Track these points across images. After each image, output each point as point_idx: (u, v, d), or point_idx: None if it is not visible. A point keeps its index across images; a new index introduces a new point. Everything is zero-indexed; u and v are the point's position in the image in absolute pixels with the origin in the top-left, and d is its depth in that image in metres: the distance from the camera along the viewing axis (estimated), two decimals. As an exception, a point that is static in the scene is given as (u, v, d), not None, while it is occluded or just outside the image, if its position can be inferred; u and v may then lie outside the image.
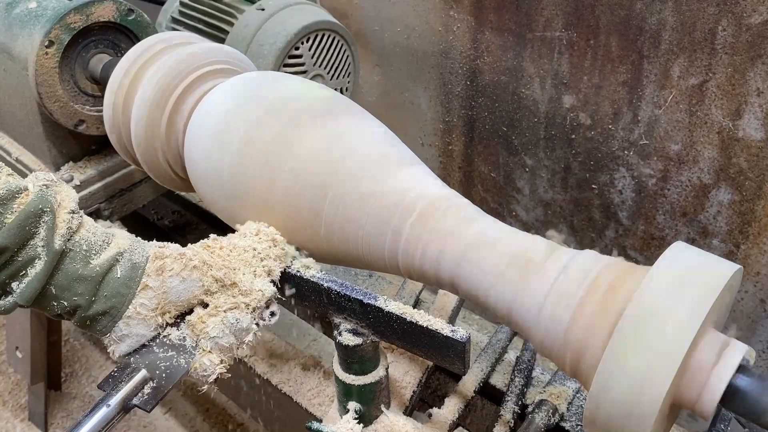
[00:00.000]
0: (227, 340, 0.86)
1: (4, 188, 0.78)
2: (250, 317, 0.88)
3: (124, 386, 0.82)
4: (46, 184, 0.82)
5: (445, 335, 0.85)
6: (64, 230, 0.81)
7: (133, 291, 0.84)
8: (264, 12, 1.49)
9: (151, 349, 0.87)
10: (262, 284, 0.90)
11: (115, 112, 1.16)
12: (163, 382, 0.85)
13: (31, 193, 0.80)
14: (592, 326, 0.73)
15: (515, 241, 0.84)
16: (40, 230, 0.79)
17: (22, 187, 0.80)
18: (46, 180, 0.83)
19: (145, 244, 0.89)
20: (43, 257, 0.79)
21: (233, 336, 0.87)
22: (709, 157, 1.46)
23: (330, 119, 0.97)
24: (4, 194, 0.77)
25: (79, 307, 0.82)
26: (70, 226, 0.82)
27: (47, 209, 0.80)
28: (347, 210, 0.91)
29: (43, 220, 0.79)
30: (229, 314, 0.86)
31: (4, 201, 0.77)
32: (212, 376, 0.86)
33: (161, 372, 0.85)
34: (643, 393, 0.66)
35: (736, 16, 1.30)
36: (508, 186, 1.87)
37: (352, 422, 0.99)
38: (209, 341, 0.86)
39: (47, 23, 1.24)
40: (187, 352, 0.86)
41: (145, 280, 0.84)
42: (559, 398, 1.08)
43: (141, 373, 0.84)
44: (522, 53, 1.65)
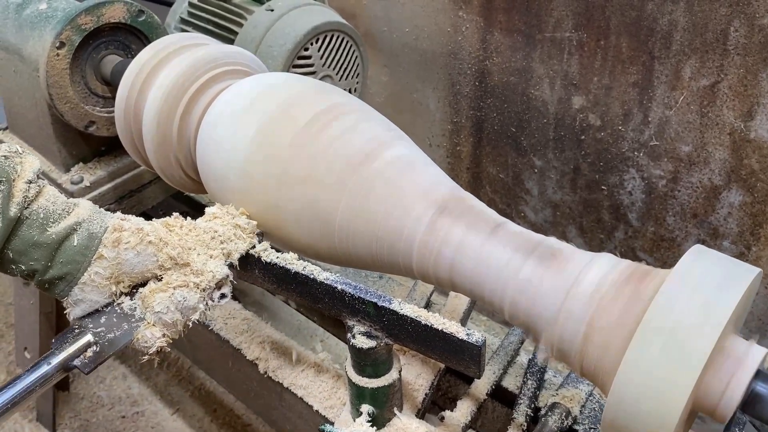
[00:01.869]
0: (171, 316, 0.89)
1: None
2: (198, 296, 0.91)
3: (68, 347, 0.87)
4: (5, 156, 0.85)
5: (461, 338, 0.85)
6: (20, 198, 0.84)
7: (89, 259, 0.87)
8: (273, 13, 1.48)
9: (103, 315, 0.91)
10: (215, 266, 0.93)
11: (127, 113, 1.15)
12: (106, 348, 0.89)
13: None
14: (611, 331, 0.72)
15: (531, 244, 0.83)
16: None
17: None
18: (7, 152, 0.86)
19: (106, 216, 0.92)
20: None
21: (179, 313, 0.90)
22: (720, 159, 1.45)
23: (343, 121, 0.96)
24: None
25: (35, 271, 0.86)
26: (26, 195, 0.85)
27: (2, 179, 0.83)
28: (362, 213, 0.91)
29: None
30: (177, 292, 0.89)
31: None
32: (152, 348, 0.89)
33: (107, 338, 0.89)
34: (664, 399, 0.65)
35: (749, 17, 1.29)
36: (517, 187, 1.87)
37: (365, 425, 0.98)
38: (153, 315, 0.89)
39: (58, 24, 1.24)
40: (134, 322, 0.90)
41: (101, 250, 0.88)
42: (572, 401, 1.07)
43: (86, 337, 0.88)
44: (531, 54, 1.65)
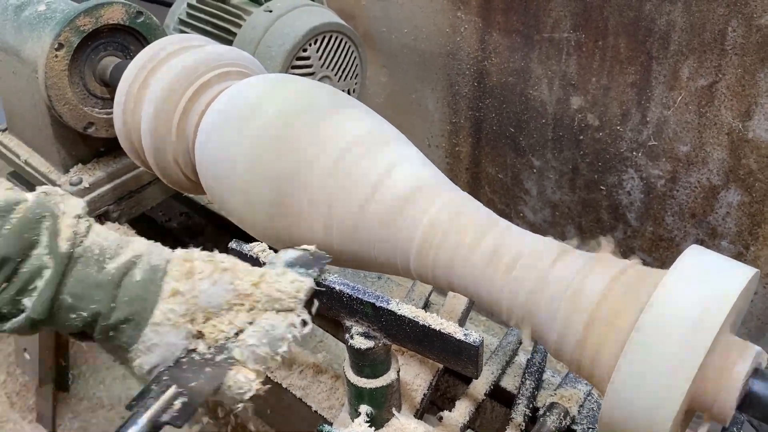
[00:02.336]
0: (263, 349, 0.79)
1: (2, 200, 0.75)
2: (285, 322, 0.81)
3: (152, 402, 0.76)
4: (45, 192, 0.79)
5: (459, 339, 0.85)
6: (69, 234, 0.77)
7: (155, 295, 0.78)
8: (272, 14, 1.49)
9: (178, 361, 0.80)
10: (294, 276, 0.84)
11: (126, 114, 1.16)
12: (195, 397, 0.77)
13: (30, 201, 0.77)
14: (607, 330, 0.72)
15: (528, 244, 0.83)
16: (42, 237, 0.75)
17: (21, 198, 0.77)
18: (48, 190, 0.79)
19: (164, 249, 0.83)
20: (50, 265, 0.74)
21: (268, 345, 0.80)
22: (718, 159, 1.46)
23: (343, 122, 0.97)
24: (3, 206, 0.74)
25: (98, 314, 0.77)
26: (76, 230, 0.78)
27: (46, 214, 0.76)
28: (360, 214, 0.91)
29: (43, 225, 0.75)
30: (263, 320, 0.80)
31: (2, 213, 0.74)
32: (249, 393, 0.79)
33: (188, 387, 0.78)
34: (659, 398, 0.66)
35: (746, 17, 1.29)
36: (516, 187, 1.87)
37: (364, 425, 0.98)
38: (245, 350, 0.79)
39: (57, 26, 1.24)
40: (218, 365, 0.79)
41: (174, 285, 0.79)
42: (570, 401, 1.07)
43: (171, 390, 0.77)
44: (530, 54, 1.65)
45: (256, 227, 1.01)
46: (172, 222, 1.70)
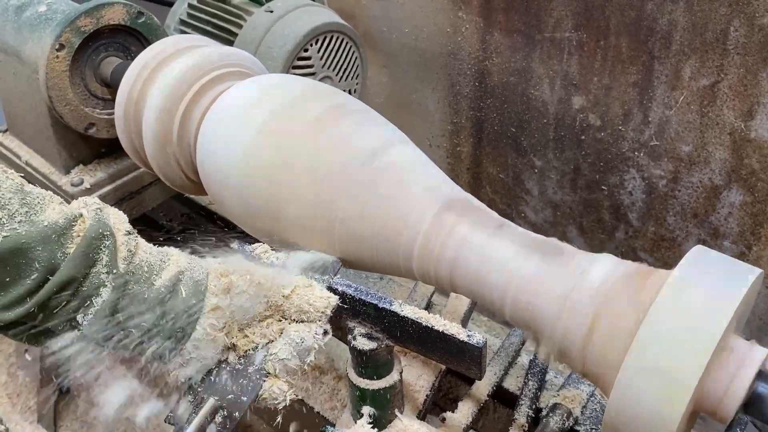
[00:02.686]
0: (294, 362, 0.83)
1: (62, 217, 0.74)
2: (312, 334, 0.84)
3: (193, 417, 0.77)
4: (99, 208, 0.78)
5: (462, 340, 0.85)
6: (125, 253, 0.77)
7: (199, 311, 0.79)
8: (272, 14, 1.48)
9: (210, 372, 0.82)
10: (321, 292, 0.87)
11: (127, 115, 1.15)
12: (234, 409, 0.80)
13: (88, 218, 0.76)
14: (612, 331, 0.72)
15: (532, 245, 0.83)
16: (102, 256, 0.75)
17: (77, 214, 0.76)
18: (97, 204, 0.79)
19: (203, 261, 0.84)
20: (109, 284, 0.74)
21: (298, 357, 0.83)
22: (720, 158, 1.45)
23: (344, 122, 0.96)
24: (63, 224, 0.74)
25: (147, 332, 0.77)
26: (129, 248, 0.78)
27: (107, 233, 0.76)
28: (362, 214, 0.91)
29: (104, 244, 0.75)
30: (294, 333, 0.83)
31: (64, 230, 0.74)
32: (283, 403, 0.83)
33: (228, 399, 0.80)
34: (665, 400, 0.65)
35: (749, 17, 1.29)
36: (517, 187, 1.86)
37: (366, 427, 0.98)
38: (277, 363, 0.82)
39: (57, 27, 1.24)
40: (251, 376, 0.82)
41: (215, 301, 0.80)
42: (573, 402, 1.07)
43: (210, 402, 0.78)
44: (531, 54, 1.65)
45: (255, 227, 1.01)
46: (173, 222, 1.69)
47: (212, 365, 0.83)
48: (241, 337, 0.83)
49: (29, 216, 0.72)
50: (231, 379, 0.81)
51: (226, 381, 0.81)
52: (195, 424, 0.76)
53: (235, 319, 0.82)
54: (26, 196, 0.73)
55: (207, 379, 0.82)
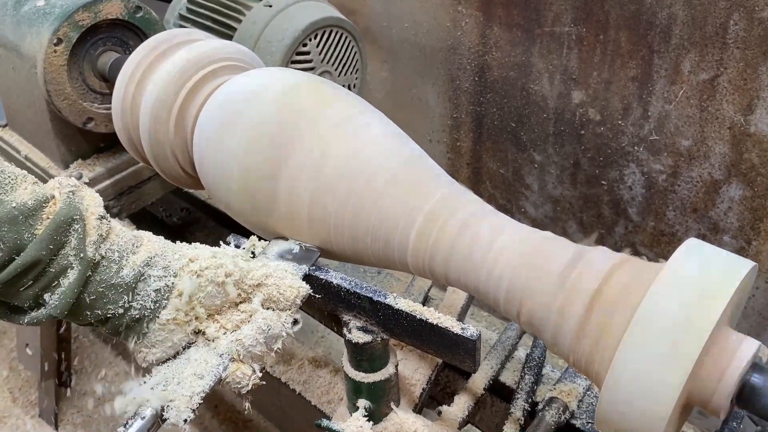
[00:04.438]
0: (260, 348, 0.84)
1: (31, 198, 0.75)
2: (280, 322, 0.85)
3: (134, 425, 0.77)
4: (72, 191, 0.79)
5: (456, 333, 0.85)
6: (95, 237, 0.78)
7: (166, 296, 0.81)
8: (272, 8, 1.48)
9: (177, 355, 0.84)
10: (294, 281, 0.88)
11: (124, 109, 1.16)
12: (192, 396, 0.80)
13: (59, 201, 0.77)
14: (604, 324, 0.72)
15: (524, 238, 0.83)
16: (71, 239, 0.76)
17: (49, 195, 0.77)
18: (71, 186, 0.80)
19: (176, 247, 0.86)
20: (76, 266, 0.76)
21: (265, 344, 0.84)
22: (720, 153, 1.45)
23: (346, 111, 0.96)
24: (33, 205, 0.75)
25: (113, 315, 0.80)
26: (100, 233, 0.79)
27: (77, 217, 0.77)
28: (356, 209, 0.91)
29: (73, 228, 0.76)
30: (261, 320, 0.84)
31: (33, 212, 0.75)
32: (246, 387, 0.84)
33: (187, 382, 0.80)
34: (656, 392, 0.65)
35: (748, 10, 1.29)
36: (517, 182, 1.86)
37: (362, 420, 0.98)
38: (243, 350, 0.83)
39: (55, 21, 1.24)
40: (215, 360, 0.82)
41: (182, 286, 0.82)
42: (569, 395, 1.07)
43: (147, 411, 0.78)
44: (531, 49, 1.65)
45: (252, 221, 1.01)
46: (172, 217, 1.70)
47: (179, 348, 0.84)
48: (210, 322, 0.85)
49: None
50: (197, 363, 0.82)
51: (192, 364, 0.82)
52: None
53: (204, 304, 0.83)
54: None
55: (174, 361, 0.83)
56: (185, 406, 0.78)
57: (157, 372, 0.82)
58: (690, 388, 0.67)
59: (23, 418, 1.92)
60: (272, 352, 0.85)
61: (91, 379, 2.02)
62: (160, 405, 0.78)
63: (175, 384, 0.80)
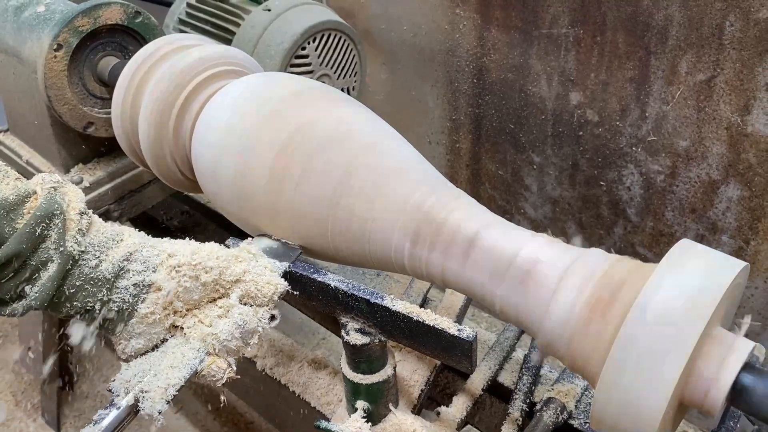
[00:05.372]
0: (235, 343, 0.86)
1: (13, 193, 0.77)
2: (256, 318, 0.88)
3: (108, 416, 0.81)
4: (54, 186, 0.81)
5: (452, 334, 0.85)
6: (74, 232, 0.80)
7: (145, 291, 0.83)
8: (270, 12, 1.49)
9: (156, 347, 0.86)
10: (272, 278, 0.90)
11: (124, 114, 1.16)
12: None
13: (40, 196, 0.80)
14: (598, 325, 0.73)
15: (520, 240, 0.84)
16: (51, 233, 0.78)
17: (31, 191, 0.80)
18: (53, 182, 0.82)
19: (156, 242, 0.88)
20: (56, 260, 0.78)
21: (240, 339, 0.87)
22: (717, 153, 1.45)
23: (338, 121, 0.97)
24: (14, 200, 0.77)
25: (92, 308, 0.82)
26: (80, 227, 0.81)
27: (57, 212, 0.79)
28: (353, 214, 0.92)
29: (53, 222, 0.79)
30: (237, 315, 0.86)
31: (14, 206, 0.77)
32: (221, 381, 0.86)
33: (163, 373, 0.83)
34: (649, 392, 0.66)
35: (744, 11, 1.29)
36: (516, 183, 1.87)
37: (361, 421, 0.99)
38: (218, 344, 0.85)
39: (56, 27, 1.25)
40: (190, 353, 0.85)
41: (161, 281, 0.84)
42: (567, 396, 1.07)
43: (125, 402, 0.81)
44: (528, 50, 1.65)
45: (250, 224, 1.02)
46: (173, 221, 1.70)
47: (158, 341, 0.86)
48: (189, 317, 0.86)
49: None
50: (174, 355, 0.84)
51: (169, 357, 0.84)
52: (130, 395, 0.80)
53: (182, 299, 0.85)
54: None
55: (151, 353, 0.86)
56: (160, 397, 0.80)
57: (135, 363, 0.85)
58: (683, 389, 0.68)
59: (26, 421, 1.93)
60: (248, 346, 0.88)
61: (94, 382, 2.03)
62: (134, 396, 0.80)
63: (151, 375, 0.82)
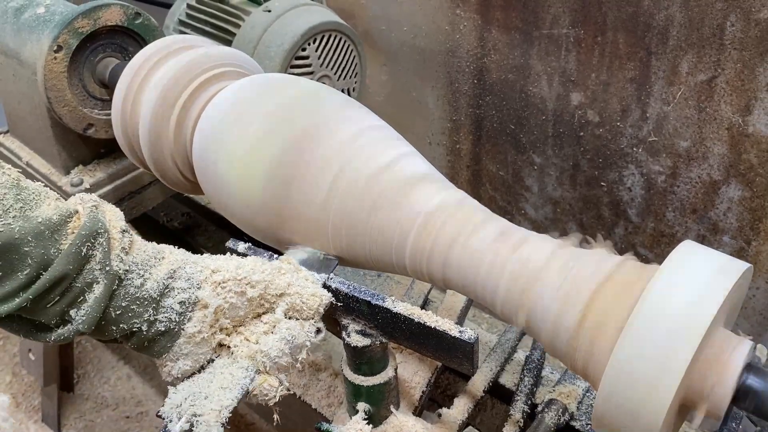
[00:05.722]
0: (286, 359, 0.83)
1: (56, 213, 0.74)
2: (304, 331, 0.85)
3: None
4: (95, 205, 0.78)
5: (453, 336, 0.85)
6: (118, 251, 0.77)
7: (191, 309, 0.81)
8: (270, 13, 1.49)
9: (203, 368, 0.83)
10: (316, 289, 0.88)
11: (124, 115, 1.16)
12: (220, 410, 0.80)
13: (83, 215, 0.77)
14: (600, 326, 0.72)
15: (522, 241, 0.83)
16: (96, 253, 0.75)
17: (72, 210, 0.76)
18: (93, 201, 0.79)
19: (197, 258, 0.85)
20: (102, 280, 0.75)
21: (290, 355, 0.84)
22: (718, 154, 1.45)
23: (338, 123, 0.97)
24: (57, 220, 0.74)
25: (138, 330, 0.79)
26: (123, 246, 0.78)
27: (101, 230, 0.76)
28: (354, 214, 0.91)
29: (98, 242, 0.76)
30: (285, 330, 0.83)
31: (58, 226, 0.74)
32: (274, 399, 0.83)
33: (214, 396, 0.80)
34: (652, 393, 0.66)
35: (745, 12, 1.29)
36: (517, 184, 1.87)
37: (362, 423, 0.98)
38: (269, 361, 0.82)
39: (55, 28, 1.25)
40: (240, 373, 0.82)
41: (206, 299, 0.81)
42: (568, 397, 1.07)
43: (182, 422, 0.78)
44: (529, 51, 1.65)
45: (251, 225, 1.02)
46: (173, 222, 1.70)
47: (204, 361, 0.84)
48: (234, 334, 0.84)
49: (24, 212, 0.72)
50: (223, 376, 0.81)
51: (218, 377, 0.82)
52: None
53: (228, 316, 0.83)
54: (22, 191, 0.73)
55: (199, 375, 0.83)
56: (215, 420, 0.78)
57: (183, 386, 0.82)
58: (685, 390, 0.68)
59: (26, 423, 1.93)
60: (297, 362, 0.85)
61: (94, 383, 2.03)
62: (187, 420, 0.78)
63: (202, 398, 0.80)
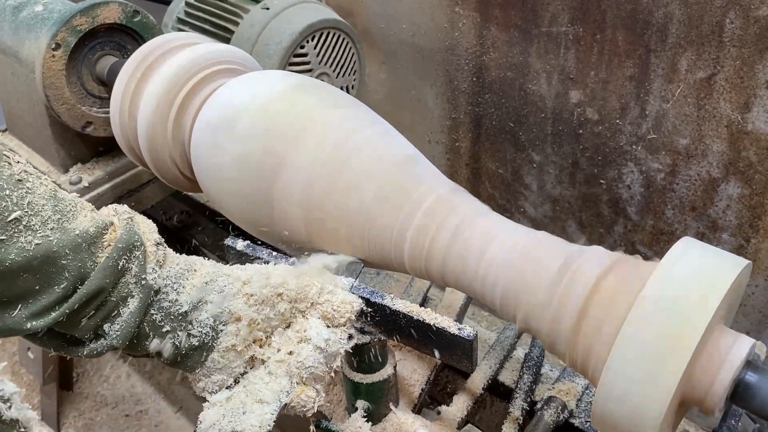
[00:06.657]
0: (322, 368, 0.82)
1: (92, 225, 0.72)
2: (338, 340, 0.84)
3: None
4: (130, 217, 0.77)
5: (452, 333, 0.85)
6: (153, 264, 0.76)
7: (224, 323, 0.80)
8: (269, 11, 1.49)
9: (237, 381, 0.82)
10: (345, 296, 0.86)
11: (122, 113, 1.16)
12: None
13: (119, 227, 0.75)
14: (599, 323, 0.72)
15: (520, 238, 0.83)
16: (132, 266, 0.74)
17: (108, 222, 0.75)
18: (128, 212, 0.78)
19: (228, 269, 0.84)
20: (137, 294, 0.74)
21: (325, 364, 0.83)
22: (717, 151, 1.45)
23: (336, 117, 0.97)
24: (94, 232, 0.72)
25: (172, 344, 0.78)
26: (158, 259, 0.77)
27: (138, 243, 0.75)
28: (351, 210, 0.91)
29: (134, 255, 0.74)
30: (318, 339, 0.81)
31: (95, 239, 0.72)
32: (312, 410, 0.82)
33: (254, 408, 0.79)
34: (651, 390, 0.66)
35: (744, 9, 1.29)
36: (516, 182, 1.87)
37: (361, 420, 0.99)
38: (304, 371, 0.81)
39: (54, 26, 1.25)
40: (277, 385, 0.81)
41: (239, 312, 0.80)
42: (568, 395, 1.07)
43: None
44: (528, 49, 1.65)
45: (249, 223, 1.01)
46: (172, 220, 1.70)
47: (238, 375, 0.83)
48: (267, 346, 0.83)
49: (61, 223, 0.70)
50: (259, 389, 0.80)
51: (254, 391, 0.80)
52: None
53: (261, 327, 0.82)
54: (59, 203, 0.72)
55: (236, 388, 0.82)
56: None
57: (218, 401, 0.81)
58: (684, 387, 0.68)
59: (26, 421, 1.93)
60: (331, 371, 0.84)
61: (93, 381, 2.03)
62: None
63: (240, 414, 0.79)
